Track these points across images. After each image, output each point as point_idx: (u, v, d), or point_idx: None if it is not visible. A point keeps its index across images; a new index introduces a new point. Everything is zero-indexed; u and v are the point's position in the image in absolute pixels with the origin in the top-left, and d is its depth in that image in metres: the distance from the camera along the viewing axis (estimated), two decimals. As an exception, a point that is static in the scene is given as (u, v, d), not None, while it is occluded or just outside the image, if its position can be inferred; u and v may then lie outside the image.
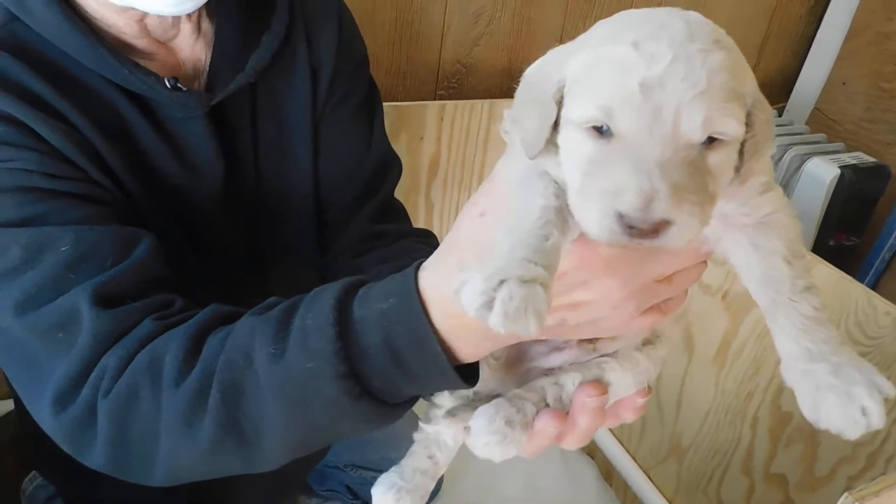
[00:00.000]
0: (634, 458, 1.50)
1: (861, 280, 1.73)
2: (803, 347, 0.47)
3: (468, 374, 0.56)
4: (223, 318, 0.63)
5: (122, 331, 0.62)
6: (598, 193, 0.41)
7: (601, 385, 0.58)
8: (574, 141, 0.45)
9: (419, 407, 0.64)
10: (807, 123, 1.98)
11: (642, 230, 0.40)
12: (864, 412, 0.44)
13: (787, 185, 1.73)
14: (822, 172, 1.65)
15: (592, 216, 0.42)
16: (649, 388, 0.62)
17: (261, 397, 0.57)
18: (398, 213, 1.00)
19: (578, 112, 0.43)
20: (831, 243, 1.71)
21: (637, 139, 0.41)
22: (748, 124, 0.44)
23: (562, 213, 0.45)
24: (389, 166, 0.98)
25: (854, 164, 1.66)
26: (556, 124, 0.47)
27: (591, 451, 1.60)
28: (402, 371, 0.54)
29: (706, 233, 0.50)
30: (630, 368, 0.60)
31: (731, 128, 0.42)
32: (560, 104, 0.46)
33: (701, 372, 1.33)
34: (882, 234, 1.74)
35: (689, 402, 1.37)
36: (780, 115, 2.01)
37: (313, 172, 0.90)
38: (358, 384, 0.54)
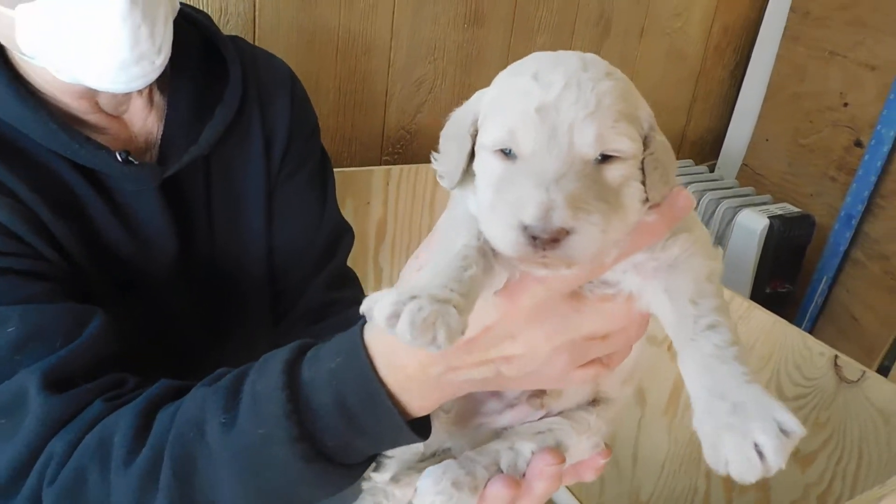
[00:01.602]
0: (595, 517, 1.48)
1: (799, 325, 1.80)
2: (704, 387, 0.45)
3: (420, 428, 0.56)
4: (174, 392, 0.62)
5: (71, 415, 0.60)
6: (505, 208, 0.44)
7: (560, 453, 0.58)
8: (486, 164, 0.48)
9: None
10: (736, 178, 2.09)
11: (544, 239, 0.42)
12: (759, 452, 0.41)
13: (721, 236, 1.81)
14: (753, 223, 1.73)
15: (500, 229, 0.44)
16: (608, 447, 0.62)
17: (214, 470, 0.55)
18: (351, 280, 1.00)
19: (488, 137, 0.48)
20: (767, 291, 1.78)
21: (537, 157, 0.44)
22: (646, 145, 0.48)
23: (485, 255, 0.47)
24: (342, 235, 0.99)
25: (781, 215, 1.75)
26: (473, 155, 0.50)
27: (552, 511, 1.58)
28: (354, 428, 0.54)
29: (629, 287, 0.50)
30: (583, 431, 0.60)
31: (624, 144, 0.45)
32: (475, 136, 0.50)
33: (654, 424, 1.34)
34: (813, 281, 1.82)
35: (645, 455, 1.37)
36: (711, 171, 2.11)
37: (267, 242, 0.90)
38: (311, 446, 0.53)
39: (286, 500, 0.58)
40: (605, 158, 0.45)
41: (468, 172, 0.51)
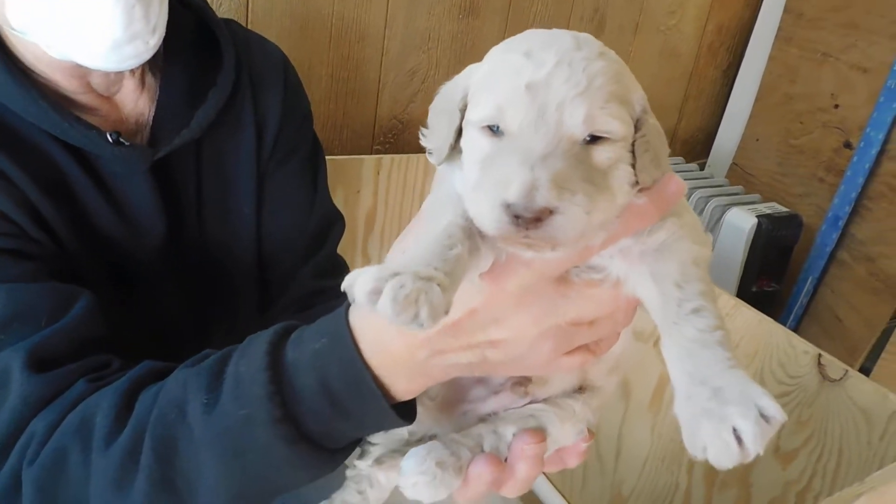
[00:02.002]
0: (577, 510, 1.49)
1: (784, 324, 1.82)
2: (685, 371, 0.44)
3: (405, 412, 0.55)
4: (157, 373, 0.62)
5: (53, 394, 0.60)
6: (489, 186, 0.43)
7: (540, 433, 0.57)
8: (473, 140, 0.48)
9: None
10: (726, 177, 2.10)
11: (527, 219, 0.41)
12: (737, 437, 0.40)
13: (710, 233, 1.81)
14: (741, 221, 1.74)
15: (483, 208, 0.43)
16: (591, 432, 0.61)
17: (195, 451, 0.55)
18: (341, 268, 0.99)
19: (476, 113, 0.47)
20: (754, 289, 1.79)
21: (524, 135, 0.44)
22: (637, 127, 0.47)
23: (471, 235, 0.46)
24: (333, 222, 0.98)
25: (770, 214, 1.76)
26: (462, 131, 0.50)
27: (533, 503, 1.58)
28: (338, 411, 0.53)
29: (616, 272, 0.50)
30: (568, 418, 0.60)
31: (613, 126, 0.44)
32: (464, 111, 0.49)
33: (638, 419, 1.34)
34: (799, 280, 1.84)
35: (628, 449, 1.38)
36: (701, 170, 2.12)
37: (257, 229, 0.89)
38: (294, 428, 0.53)
39: (268, 483, 0.57)
40: (594, 139, 0.45)
41: (456, 149, 0.50)
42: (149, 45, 0.68)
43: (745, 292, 1.78)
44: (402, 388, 0.54)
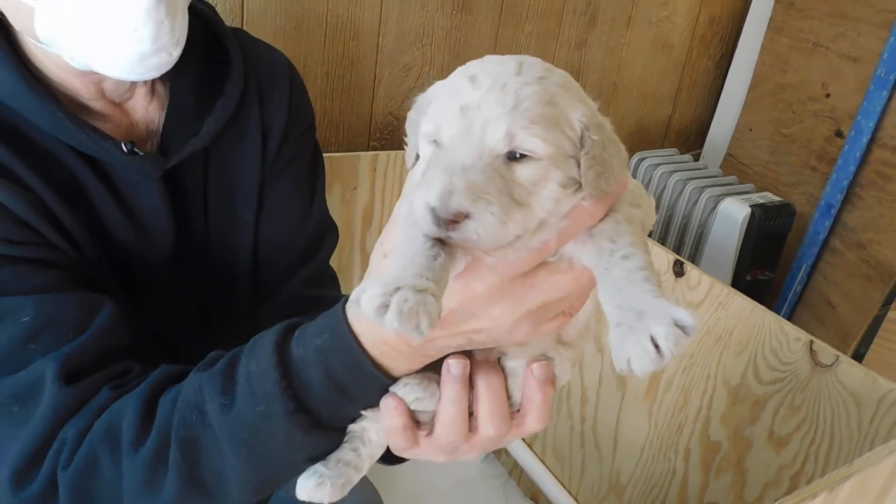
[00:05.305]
0: (576, 499, 1.51)
1: (778, 312, 1.84)
2: (615, 305, 0.49)
3: None
4: (173, 377, 0.65)
5: (81, 403, 0.64)
6: (422, 190, 0.48)
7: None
8: (422, 149, 0.54)
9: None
10: (720, 167, 2.12)
11: (445, 220, 0.47)
12: (655, 343, 0.44)
13: (704, 224, 1.83)
14: (735, 211, 1.76)
15: (418, 208, 0.48)
16: (544, 357, 0.62)
17: (218, 447, 0.60)
18: (332, 280, 1.02)
19: (424, 126, 0.53)
20: (748, 278, 1.81)
21: (452, 147, 0.50)
22: (582, 145, 0.51)
23: (448, 242, 0.51)
24: (327, 232, 1.00)
25: (763, 203, 1.77)
26: None
27: (535, 494, 1.61)
28: (345, 397, 0.59)
29: (568, 252, 0.54)
30: (528, 355, 0.62)
31: (535, 145, 0.49)
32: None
33: (634, 408, 1.37)
34: (793, 269, 1.86)
35: (625, 438, 1.40)
36: (696, 160, 2.14)
37: (255, 233, 0.91)
38: (307, 417, 0.58)
39: (288, 466, 0.62)
40: (519, 158, 0.49)
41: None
42: (172, 57, 0.70)
43: (740, 281, 1.80)
44: (404, 368, 0.59)
